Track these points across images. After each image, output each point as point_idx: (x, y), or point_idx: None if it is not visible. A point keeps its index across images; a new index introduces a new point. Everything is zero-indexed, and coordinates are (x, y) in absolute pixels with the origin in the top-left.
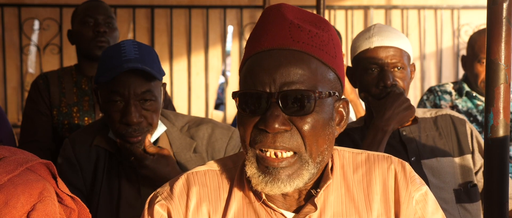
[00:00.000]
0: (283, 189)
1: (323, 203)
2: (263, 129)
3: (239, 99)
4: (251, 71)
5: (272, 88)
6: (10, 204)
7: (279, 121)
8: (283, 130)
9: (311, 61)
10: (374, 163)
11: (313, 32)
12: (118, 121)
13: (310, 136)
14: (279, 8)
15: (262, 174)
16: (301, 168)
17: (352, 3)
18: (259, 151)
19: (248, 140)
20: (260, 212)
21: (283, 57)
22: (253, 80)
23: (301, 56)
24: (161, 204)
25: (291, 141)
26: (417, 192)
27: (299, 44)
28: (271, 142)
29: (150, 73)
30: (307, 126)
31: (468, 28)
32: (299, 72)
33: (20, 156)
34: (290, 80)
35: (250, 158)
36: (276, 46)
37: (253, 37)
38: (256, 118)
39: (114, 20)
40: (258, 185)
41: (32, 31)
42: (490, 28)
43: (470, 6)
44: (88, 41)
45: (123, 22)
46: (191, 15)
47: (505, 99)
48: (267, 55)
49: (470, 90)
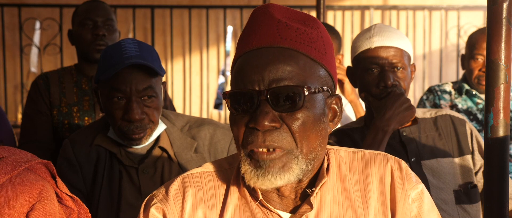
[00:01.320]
0: (274, 182)
1: (319, 203)
2: (253, 127)
3: (230, 100)
4: (240, 71)
5: (261, 86)
6: (9, 204)
7: (268, 118)
8: (273, 127)
9: (299, 58)
10: (371, 161)
11: (301, 30)
12: (120, 118)
13: (301, 132)
14: (267, 8)
15: (254, 169)
16: (290, 162)
17: (352, 3)
18: (250, 151)
19: (241, 140)
20: (257, 213)
21: (271, 55)
22: (243, 79)
23: (289, 53)
24: (157, 206)
25: (281, 138)
26: (413, 190)
27: (287, 42)
28: (262, 141)
29: (151, 69)
30: (297, 122)
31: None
32: (287, 69)
33: (19, 156)
34: (279, 77)
35: (243, 157)
36: (264, 45)
37: (242, 37)
38: (247, 117)
39: (114, 21)
40: (251, 180)
41: (32, 31)
42: (490, 28)
43: (470, 6)
44: (87, 44)
45: (123, 22)
46: (191, 15)
47: (505, 99)
48: (255, 54)
49: (469, 89)
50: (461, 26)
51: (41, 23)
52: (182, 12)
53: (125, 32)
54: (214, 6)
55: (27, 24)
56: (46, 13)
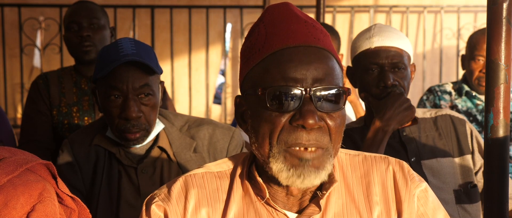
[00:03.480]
0: (312, 181)
1: (325, 204)
2: (299, 125)
3: (267, 95)
4: (278, 67)
5: (304, 84)
6: (10, 205)
7: (316, 117)
8: (318, 126)
9: (331, 59)
10: (372, 165)
11: (324, 32)
12: (117, 116)
13: (337, 132)
14: (288, 6)
15: (292, 168)
16: (326, 161)
17: (352, 3)
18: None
19: (276, 137)
20: (262, 212)
21: (313, 54)
22: (283, 76)
23: (325, 53)
24: (158, 205)
25: (322, 138)
26: (417, 188)
27: (320, 42)
28: (307, 140)
29: (148, 66)
30: (336, 122)
31: (469, 27)
32: (326, 69)
33: (20, 157)
34: (322, 77)
35: (276, 155)
36: (301, 43)
37: (268, 34)
38: (286, 115)
39: (99, 19)
40: (289, 178)
41: (32, 31)
42: (490, 28)
43: (471, 6)
44: (74, 47)
45: (124, 20)
46: (191, 14)
47: (505, 99)
48: (294, 52)
49: (469, 90)
50: (461, 26)
51: (41, 23)
52: (182, 12)
53: (127, 29)
54: (214, 6)
55: (27, 24)
56: (46, 13)
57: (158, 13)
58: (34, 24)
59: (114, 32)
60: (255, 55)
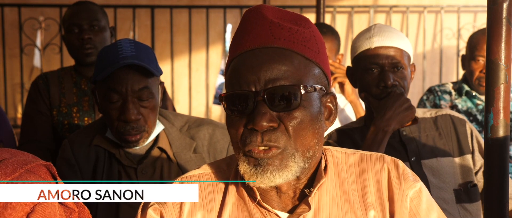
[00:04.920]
0: (273, 180)
1: (317, 204)
2: (251, 129)
3: (226, 102)
4: (235, 73)
5: (257, 86)
6: (10, 206)
7: (266, 118)
8: (271, 127)
9: (294, 57)
10: (367, 163)
11: (294, 29)
12: (116, 118)
13: (298, 130)
14: (259, 8)
15: (253, 168)
16: (287, 159)
17: (352, 3)
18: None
19: (239, 141)
20: (255, 214)
21: (266, 55)
22: (238, 81)
23: (284, 52)
24: (154, 208)
25: (278, 138)
26: (410, 189)
27: (280, 41)
28: (260, 141)
29: (147, 69)
30: (294, 122)
31: (469, 27)
32: (282, 68)
33: (20, 158)
34: (274, 77)
35: (241, 158)
36: (258, 46)
37: (235, 39)
38: (245, 119)
39: (100, 21)
40: (250, 178)
41: (32, 31)
42: (490, 28)
43: (471, 6)
44: (75, 49)
45: (124, 20)
46: (191, 15)
47: (505, 99)
48: (249, 55)
49: (469, 90)
50: (461, 26)
51: (41, 23)
52: (183, 12)
53: (127, 29)
54: (214, 6)
55: (27, 24)
56: (46, 13)
57: (158, 13)
58: (34, 24)
59: (114, 32)
60: (227, 64)
